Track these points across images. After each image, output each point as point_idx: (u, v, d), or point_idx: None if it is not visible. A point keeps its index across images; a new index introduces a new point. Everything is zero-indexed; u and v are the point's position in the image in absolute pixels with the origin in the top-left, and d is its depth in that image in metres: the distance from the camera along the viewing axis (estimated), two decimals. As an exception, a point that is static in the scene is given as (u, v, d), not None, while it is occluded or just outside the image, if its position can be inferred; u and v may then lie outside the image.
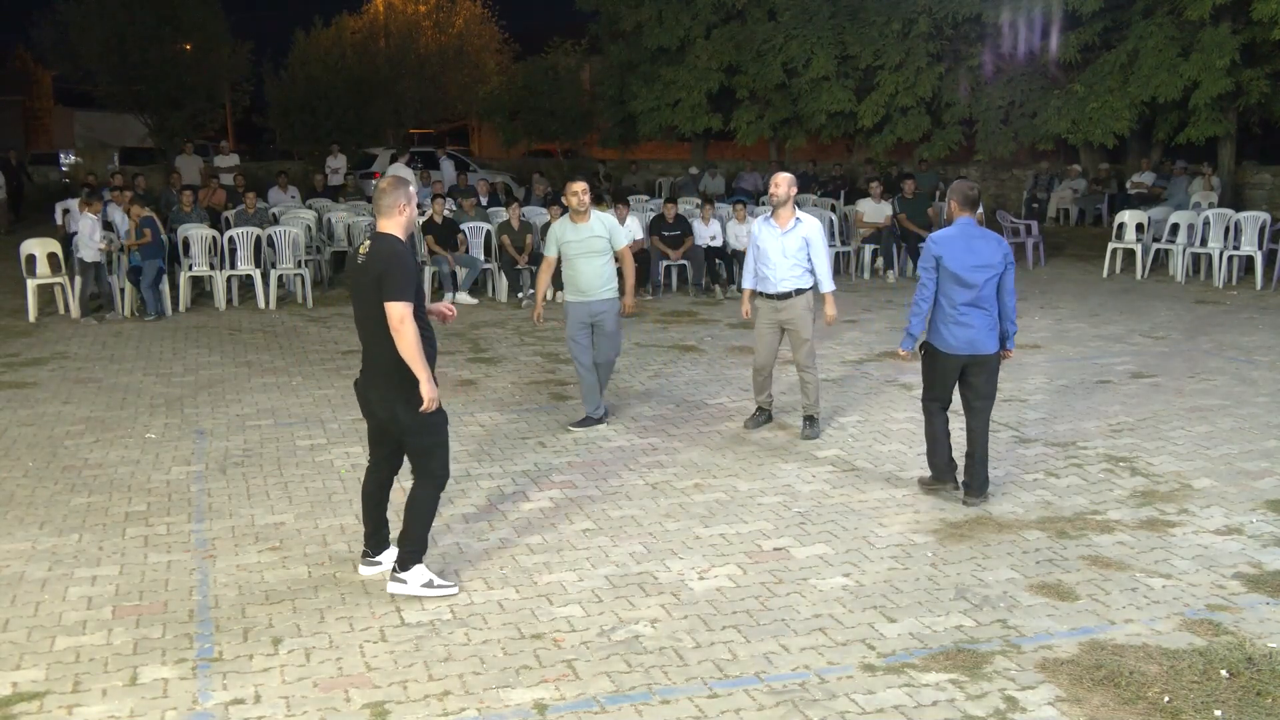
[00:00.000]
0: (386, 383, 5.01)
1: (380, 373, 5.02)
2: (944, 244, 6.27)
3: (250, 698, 4.26)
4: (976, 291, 6.19)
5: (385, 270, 4.85)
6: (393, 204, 4.99)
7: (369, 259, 4.94)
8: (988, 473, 6.43)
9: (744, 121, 23.18)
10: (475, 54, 33.51)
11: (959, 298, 6.21)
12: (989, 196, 23.19)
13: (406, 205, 5.03)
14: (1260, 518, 6.10)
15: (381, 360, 4.99)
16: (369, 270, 4.91)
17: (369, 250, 4.97)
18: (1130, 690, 4.25)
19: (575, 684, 4.35)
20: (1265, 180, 20.15)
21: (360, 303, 5.05)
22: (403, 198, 5.01)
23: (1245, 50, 17.00)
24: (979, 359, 6.27)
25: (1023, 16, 19.09)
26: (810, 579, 5.34)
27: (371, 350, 5.06)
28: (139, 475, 6.97)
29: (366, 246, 5.00)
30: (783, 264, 7.50)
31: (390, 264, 4.87)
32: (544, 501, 6.46)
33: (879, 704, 4.19)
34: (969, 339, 6.24)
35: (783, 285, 7.53)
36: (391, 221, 5.01)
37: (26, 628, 4.86)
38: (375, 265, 4.89)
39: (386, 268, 4.86)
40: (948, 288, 6.23)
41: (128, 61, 26.50)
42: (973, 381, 6.34)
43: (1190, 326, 11.65)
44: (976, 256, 6.21)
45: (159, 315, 12.38)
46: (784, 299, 7.56)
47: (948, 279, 6.23)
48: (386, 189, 5.02)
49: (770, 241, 7.54)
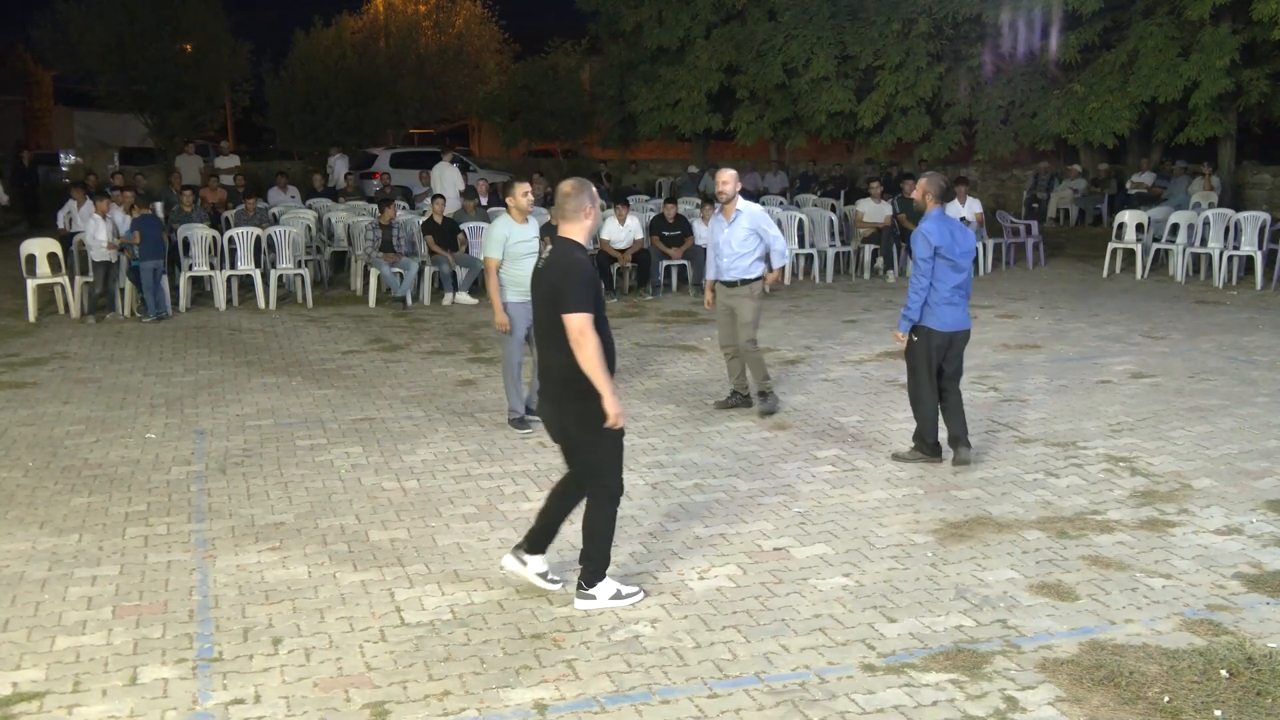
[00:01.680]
0: (562, 393, 4.84)
1: (553, 383, 4.88)
2: (939, 235, 6.79)
3: (250, 698, 4.26)
4: (964, 275, 6.86)
5: (562, 280, 4.69)
6: (577, 208, 4.83)
7: (547, 266, 4.81)
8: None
9: (744, 121, 23.18)
10: (475, 54, 33.47)
11: (951, 282, 6.82)
12: (989, 196, 23.20)
13: (591, 209, 4.86)
14: (1260, 518, 6.10)
15: (555, 371, 4.83)
16: (545, 278, 4.79)
17: (548, 256, 4.83)
18: (1130, 690, 4.25)
19: (575, 684, 4.35)
20: (1265, 180, 20.16)
21: (538, 309, 4.91)
22: (587, 201, 4.84)
23: (1245, 50, 17.01)
24: (961, 335, 6.97)
25: (1023, 16, 19.10)
26: (810, 579, 5.34)
27: (545, 360, 4.92)
28: (139, 475, 6.97)
29: (547, 251, 4.87)
30: (729, 254, 8.14)
31: (567, 274, 4.70)
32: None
33: (879, 704, 4.19)
34: (957, 318, 6.91)
35: (730, 274, 8.20)
36: (575, 226, 4.84)
37: (26, 628, 4.86)
38: (552, 274, 4.75)
39: (563, 278, 4.70)
40: (942, 273, 6.80)
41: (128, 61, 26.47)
42: (950, 355, 6.97)
43: (1190, 326, 11.65)
44: (962, 244, 6.86)
45: (159, 317, 12.37)
46: (731, 286, 8.23)
47: (943, 266, 6.79)
48: (571, 192, 4.84)
49: (720, 234, 8.21)
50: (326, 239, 15.59)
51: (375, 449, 7.50)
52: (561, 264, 4.77)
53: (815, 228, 15.64)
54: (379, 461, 7.22)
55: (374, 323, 12.31)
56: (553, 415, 4.96)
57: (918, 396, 7.07)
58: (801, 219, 15.49)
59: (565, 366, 4.76)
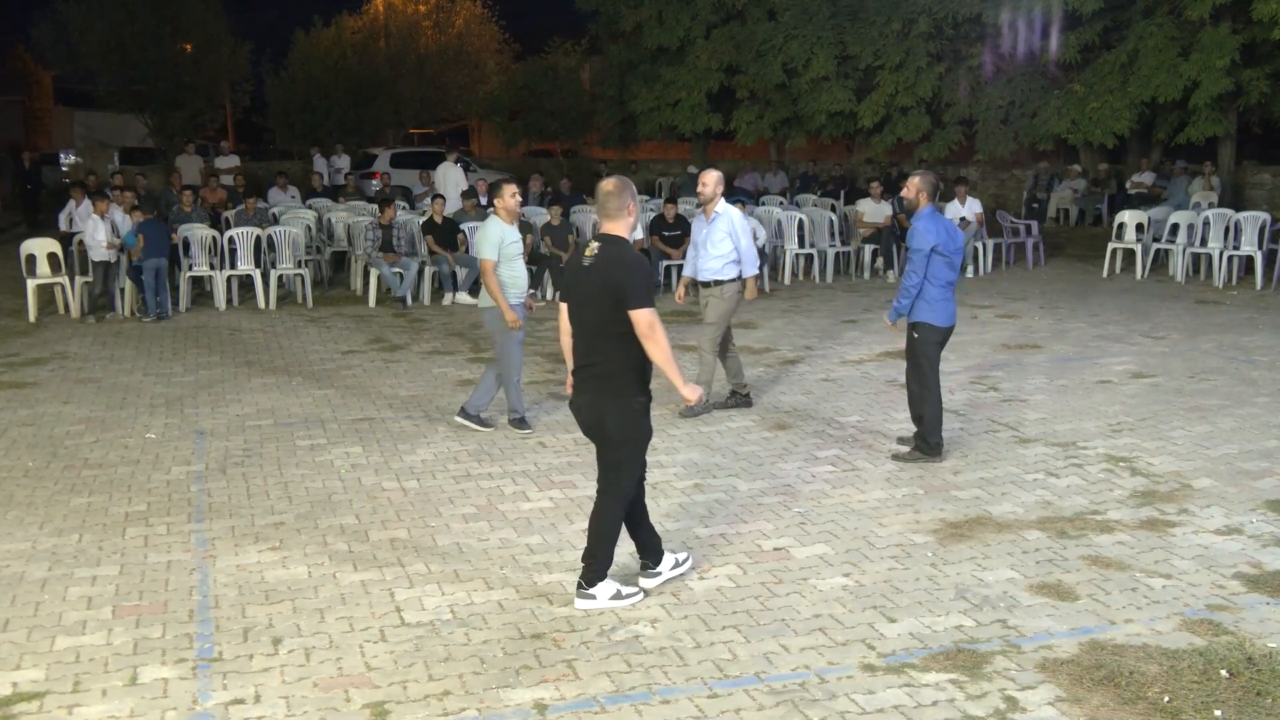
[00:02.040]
0: (599, 389, 4.87)
1: (594, 378, 4.88)
2: (935, 233, 6.92)
3: (250, 698, 4.26)
4: (956, 272, 7.06)
5: (627, 278, 4.73)
6: (621, 206, 4.88)
7: (599, 264, 4.81)
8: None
9: (744, 121, 23.18)
10: (475, 54, 33.50)
11: (947, 278, 6.97)
12: (989, 196, 23.20)
13: (633, 206, 4.94)
14: (1260, 518, 6.10)
15: (599, 367, 4.86)
16: (600, 275, 4.78)
17: (598, 254, 4.83)
18: (1130, 690, 4.25)
19: (575, 684, 4.35)
20: (1265, 180, 20.16)
21: (583, 307, 4.90)
22: (630, 199, 4.92)
23: (1245, 50, 17.01)
24: (952, 329, 7.16)
25: (1023, 16, 19.10)
26: (810, 579, 5.34)
27: (591, 356, 4.89)
28: (139, 475, 6.97)
29: (594, 249, 4.85)
30: (706, 255, 8.24)
31: (632, 271, 4.76)
32: (544, 501, 6.46)
33: (879, 704, 4.19)
34: (952, 312, 7.11)
35: (704, 274, 8.30)
36: (620, 224, 4.91)
37: (26, 628, 4.86)
38: (612, 271, 4.76)
39: (628, 276, 4.74)
40: (939, 270, 6.93)
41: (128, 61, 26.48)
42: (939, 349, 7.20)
43: (1190, 326, 11.65)
44: (956, 241, 7.04)
45: (159, 317, 12.37)
46: (706, 286, 8.33)
47: (939, 262, 6.92)
48: (614, 191, 4.90)
49: (700, 234, 8.33)
50: (326, 239, 15.59)
51: (375, 449, 7.50)
52: (622, 261, 4.81)
53: (815, 228, 15.64)
54: (379, 461, 7.23)
55: (374, 323, 12.31)
56: (589, 410, 4.94)
57: (925, 394, 7.10)
58: (801, 219, 15.50)
59: (611, 363, 4.83)
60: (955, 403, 8.56)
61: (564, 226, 14.09)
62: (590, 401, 4.93)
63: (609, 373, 4.84)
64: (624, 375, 4.84)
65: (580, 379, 4.97)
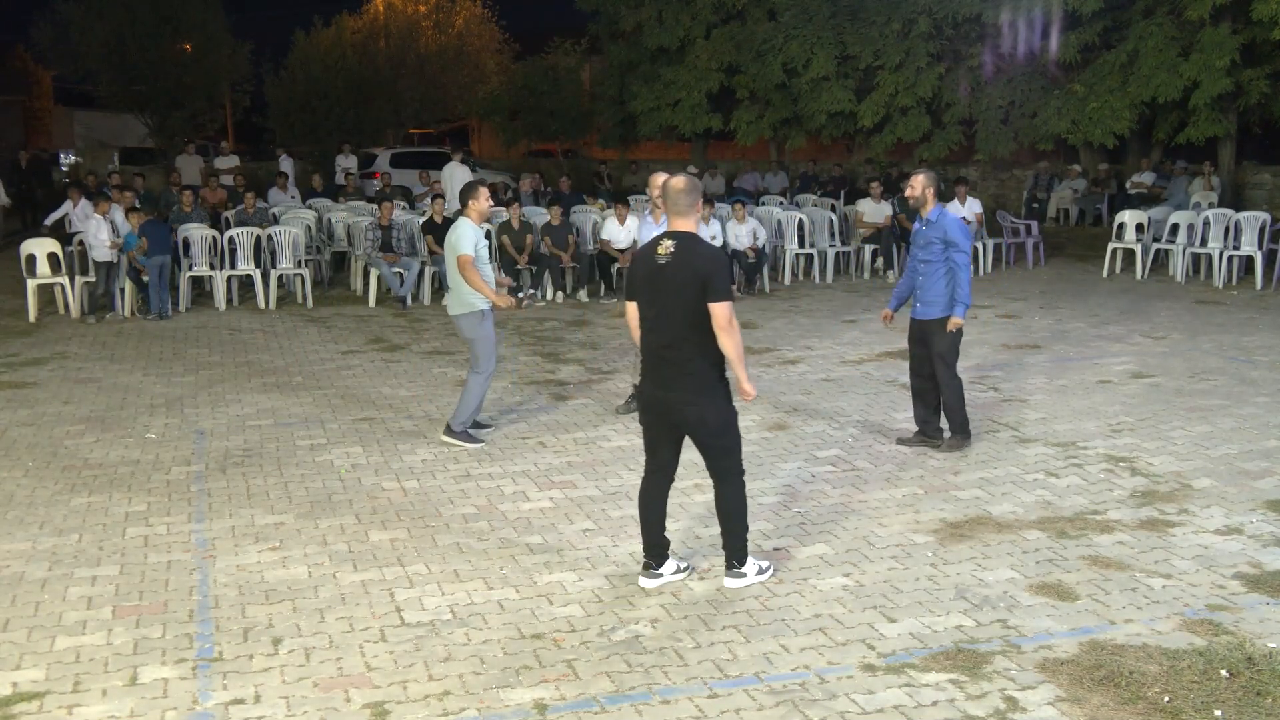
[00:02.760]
0: (695, 384, 4.98)
1: (686, 374, 4.98)
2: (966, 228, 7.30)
3: (250, 698, 4.26)
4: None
5: (712, 271, 4.88)
6: (691, 203, 5.03)
7: (678, 258, 4.91)
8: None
9: (744, 121, 23.16)
10: (475, 54, 33.50)
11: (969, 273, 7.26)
12: (989, 196, 23.19)
13: (701, 204, 5.13)
14: (1260, 518, 6.10)
15: (688, 361, 4.96)
16: (683, 269, 4.89)
17: (675, 250, 4.93)
18: (1130, 690, 4.25)
19: (575, 684, 4.35)
20: (1265, 180, 20.15)
21: (663, 302, 4.98)
22: (699, 197, 5.09)
23: (1245, 50, 17.00)
24: None
25: (1023, 16, 19.08)
26: (810, 579, 5.34)
27: (676, 351, 4.97)
28: (139, 475, 6.97)
29: (667, 246, 4.95)
30: None
31: (715, 265, 4.92)
32: (544, 501, 6.46)
33: (879, 704, 4.19)
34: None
35: None
36: (690, 220, 5.04)
37: (26, 628, 4.86)
38: (698, 265, 4.88)
39: (713, 269, 4.89)
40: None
41: (128, 61, 26.49)
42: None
43: (1190, 326, 11.65)
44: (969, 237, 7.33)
45: (161, 315, 12.38)
46: None
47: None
48: (685, 188, 5.03)
49: (646, 237, 8.08)
50: (326, 239, 15.59)
51: (375, 449, 7.50)
52: (706, 254, 4.97)
53: (815, 228, 15.64)
54: (379, 461, 7.23)
55: (374, 323, 12.31)
56: (686, 408, 5.03)
57: (952, 382, 7.29)
58: (801, 219, 15.50)
59: (703, 355, 4.95)
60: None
61: (564, 226, 14.09)
62: (685, 399, 5.01)
63: (700, 367, 4.98)
64: (714, 366, 5.00)
65: (666, 374, 5.03)
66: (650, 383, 5.11)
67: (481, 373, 7.59)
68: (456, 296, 7.66)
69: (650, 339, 5.06)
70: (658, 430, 5.21)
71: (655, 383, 5.08)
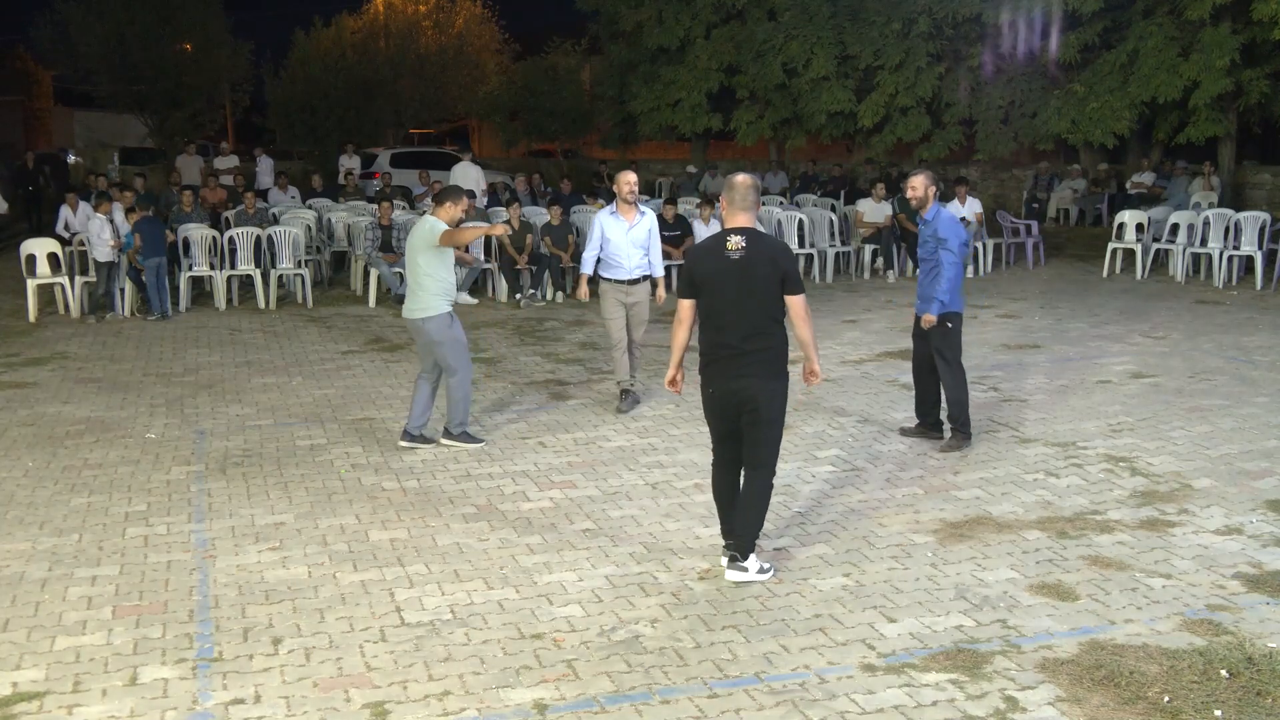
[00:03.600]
0: (770, 372, 5.23)
1: (761, 363, 5.21)
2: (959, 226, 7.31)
3: (250, 698, 4.26)
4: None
5: (791, 265, 5.23)
6: (755, 200, 5.31)
7: (752, 253, 5.15)
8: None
9: (744, 121, 23.17)
10: (475, 54, 33.50)
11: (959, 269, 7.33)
12: (989, 196, 23.19)
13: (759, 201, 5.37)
14: (1260, 518, 6.10)
15: (764, 351, 5.21)
16: (761, 264, 5.15)
17: (746, 245, 5.16)
18: (1130, 690, 4.25)
19: (575, 684, 4.35)
20: (1265, 180, 20.15)
21: (740, 297, 5.18)
22: (759, 195, 5.38)
23: (1245, 50, 17.00)
24: None
25: (1023, 16, 19.09)
26: (810, 579, 5.34)
27: (754, 341, 5.19)
28: (139, 475, 6.97)
29: (737, 242, 5.17)
30: (634, 253, 8.34)
31: (792, 259, 5.31)
32: (544, 501, 6.46)
33: (879, 704, 4.19)
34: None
35: (636, 272, 8.38)
36: (751, 216, 5.29)
37: (26, 628, 4.86)
38: (777, 259, 5.20)
39: (791, 263, 5.25)
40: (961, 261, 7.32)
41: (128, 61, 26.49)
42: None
43: (1190, 326, 11.65)
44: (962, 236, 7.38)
45: (162, 315, 12.39)
46: (635, 284, 8.40)
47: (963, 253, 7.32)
48: (751, 185, 5.31)
49: (618, 234, 8.33)
50: (326, 239, 15.59)
51: (375, 449, 7.50)
52: (780, 248, 5.41)
53: (815, 228, 15.63)
54: (379, 461, 7.23)
55: (374, 323, 12.31)
56: (757, 393, 5.20)
57: (956, 380, 7.35)
58: (801, 219, 15.49)
59: (777, 345, 5.24)
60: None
61: (564, 226, 14.08)
62: (759, 385, 5.20)
63: (775, 357, 5.24)
64: (784, 357, 5.28)
65: (741, 365, 5.21)
66: (722, 377, 5.26)
67: (459, 373, 7.30)
68: (421, 299, 7.18)
69: (722, 334, 5.23)
70: (728, 423, 5.35)
71: (728, 375, 5.24)
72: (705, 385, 5.38)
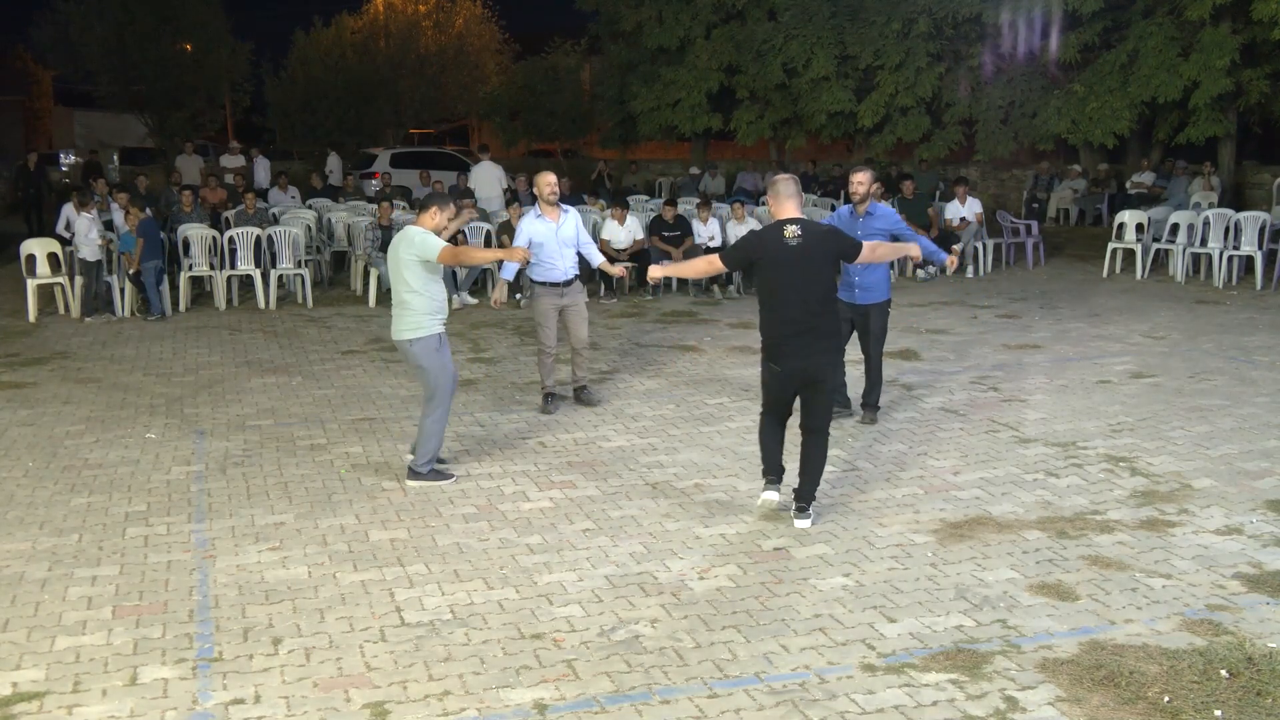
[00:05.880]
0: (835, 346, 6.12)
1: (827, 337, 5.92)
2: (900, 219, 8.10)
3: (250, 698, 4.26)
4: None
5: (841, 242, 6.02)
6: (797, 191, 5.90)
7: (809, 240, 5.77)
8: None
9: (744, 121, 23.17)
10: (475, 54, 33.52)
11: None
12: (989, 196, 23.20)
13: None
14: (1260, 518, 6.10)
15: (829, 326, 5.92)
16: (820, 247, 5.83)
17: (803, 233, 5.76)
18: (1130, 690, 4.25)
19: (575, 684, 4.35)
20: (1265, 180, 20.13)
21: (804, 281, 5.79)
22: (800, 188, 5.98)
23: (1245, 50, 17.00)
24: None
25: (1023, 16, 19.09)
26: (810, 579, 5.34)
27: (815, 320, 5.81)
28: (139, 475, 6.97)
29: (794, 231, 5.76)
30: (566, 253, 8.23)
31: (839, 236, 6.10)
32: (544, 501, 6.46)
33: (879, 704, 4.19)
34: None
35: (570, 273, 8.28)
36: (796, 204, 5.89)
37: (26, 628, 4.86)
38: (829, 239, 5.93)
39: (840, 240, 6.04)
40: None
41: (128, 61, 26.49)
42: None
43: (1190, 326, 11.64)
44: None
45: (161, 315, 12.38)
46: (568, 285, 8.29)
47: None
48: (792, 179, 5.95)
49: (547, 235, 8.17)
50: (326, 239, 15.58)
51: (375, 449, 7.50)
52: (832, 232, 6.09)
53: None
54: (379, 461, 7.23)
55: (374, 323, 12.31)
56: (814, 370, 5.85)
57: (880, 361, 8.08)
58: (801, 219, 15.47)
59: (836, 325, 6.03)
60: (955, 403, 8.57)
61: (564, 226, 14.06)
62: (826, 360, 5.94)
63: (836, 333, 6.11)
64: (840, 332, 6.15)
65: (810, 343, 5.81)
66: (793, 357, 5.81)
67: (439, 407, 6.68)
68: (408, 319, 6.61)
69: (792, 313, 5.80)
70: (789, 393, 5.97)
71: (798, 354, 5.81)
72: (771, 363, 5.91)
